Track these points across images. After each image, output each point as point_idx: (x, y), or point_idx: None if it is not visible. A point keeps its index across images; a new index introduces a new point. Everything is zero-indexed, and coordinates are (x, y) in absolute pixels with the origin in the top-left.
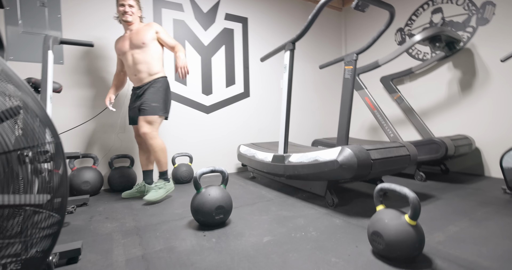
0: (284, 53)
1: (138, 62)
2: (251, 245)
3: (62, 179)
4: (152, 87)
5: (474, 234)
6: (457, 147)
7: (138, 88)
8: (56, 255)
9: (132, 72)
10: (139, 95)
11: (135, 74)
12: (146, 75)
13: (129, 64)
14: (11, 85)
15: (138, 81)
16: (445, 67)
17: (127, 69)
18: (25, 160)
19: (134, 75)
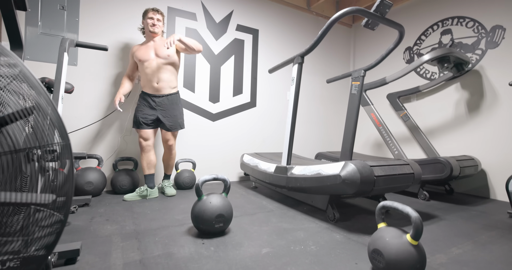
0: (293, 66)
1: (161, 72)
2: (249, 256)
3: (68, 179)
4: (175, 104)
5: (477, 258)
6: (462, 168)
7: (156, 96)
8: (55, 255)
9: (154, 79)
10: (158, 105)
11: (157, 82)
12: (167, 87)
13: (152, 72)
14: (26, 85)
15: (156, 90)
16: (453, 87)
17: (145, 76)
18: (32, 158)
19: (155, 83)
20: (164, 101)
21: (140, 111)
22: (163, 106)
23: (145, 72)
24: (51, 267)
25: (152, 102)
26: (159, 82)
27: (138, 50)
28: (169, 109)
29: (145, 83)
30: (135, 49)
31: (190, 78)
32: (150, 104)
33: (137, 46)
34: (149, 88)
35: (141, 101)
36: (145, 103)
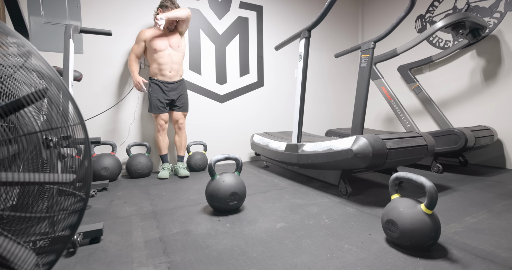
0: (300, 41)
1: (174, 62)
2: (264, 230)
3: (86, 155)
4: (183, 88)
5: (493, 226)
6: (478, 139)
7: (169, 83)
8: (80, 235)
9: (166, 68)
10: (171, 90)
11: (170, 71)
12: (177, 74)
13: (165, 62)
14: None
15: (170, 77)
16: (468, 55)
17: (158, 65)
18: (49, 144)
19: (169, 71)
20: (175, 86)
21: (156, 96)
22: (175, 90)
23: (158, 61)
24: (78, 245)
25: (165, 88)
26: (171, 71)
27: (152, 38)
28: (180, 93)
29: (157, 71)
30: (148, 35)
31: (196, 61)
32: (163, 89)
33: (149, 32)
34: (161, 76)
35: (154, 88)
36: (158, 89)
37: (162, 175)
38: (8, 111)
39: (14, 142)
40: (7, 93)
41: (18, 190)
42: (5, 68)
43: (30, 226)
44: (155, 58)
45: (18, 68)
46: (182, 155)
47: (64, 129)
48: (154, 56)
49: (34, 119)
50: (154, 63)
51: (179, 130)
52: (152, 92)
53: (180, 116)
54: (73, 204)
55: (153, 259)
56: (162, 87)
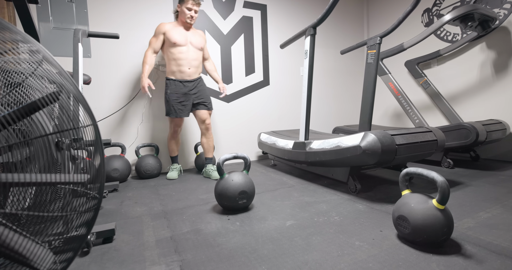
0: (305, 38)
1: (194, 58)
2: (274, 228)
3: (98, 153)
4: (203, 85)
5: (507, 221)
6: (489, 133)
7: (188, 81)
8: (93, 235)
9: (186, 65)
10: (192, 89)
11: (189, 68)
12: (196, 72)
13: (185, 58)
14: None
15: (189, 75)
16: (477, 48)
17: (176, 61)
18: (62, 146)
19: (187, 67)
20: (195, 84)
21: (175, 100)
22: (195, 88)
23: (177, 56)
24: (91, 245)
25: (184, 88)
26: (191, 68)
27: (173, 32)
28: (202, 90)
29: (175, 68)
30: (167, 28)
31: None
32: (183, 90)
33: (169, 25)
34: (180, 74)
35: (173, 89)
36: (177, 91)
37: (171, 176)
38: (24, 113)
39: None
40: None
41: (34, 191)
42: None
43: (47, 226)
44: (173, 53)
45: (31, 74)
46: (211, 157)
47: (75, 131)
48: (172, 51)
49: (46, 123)
50: (172, 60)
51: (206, 131)
52: (170, 94)
53: (206, 115)
54: (87, 203)
55: (165, 257)
56: (181, 87)
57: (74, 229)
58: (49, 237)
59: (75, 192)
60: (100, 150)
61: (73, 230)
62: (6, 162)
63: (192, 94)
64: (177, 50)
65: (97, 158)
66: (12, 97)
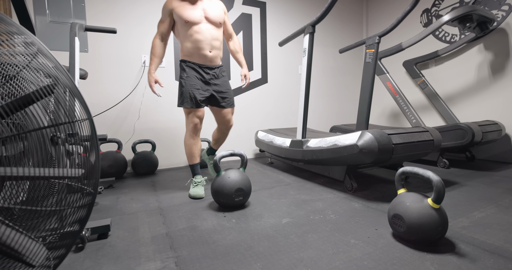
0: (304, 36)
1: (215, 37)
2: (270, 226)
3: (93, 149)
4: (226, 76)
5: (501, 220)
6: (485, 133)
7: (209, 68)
8: (88, 231)
9: (206, 47)
10: (213, 78)
11: (210, 50)
12: (218, 56)
13: (204, 38)
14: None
15: (210, 60)
16: (475, 49)
17: (193, 43)
18: (57, 141)
19: (209, 51)
20: (218, 72)
21: (193, 85)
22: (217, 79)
23: (193, 37)
24: (86, 241)
25: (205, 75)
26: (212, 51)
27: (182, 7)
28: (223, 83)
29: (193, 51)
30: (175, 5)
31: None
32: (203, 77)
33: (176, 1)
34: (199, 58)
35: (190, 73)
36: (196, 76)
37: (196, 193)
38: (18, 106)
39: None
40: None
41: (28, 186)
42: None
43: (40, 222)
44: (189, 34)
45: (25, 66)
46: (216, 149)
47: (71, 125)
48: (186, 32)
49: (41, 118)
50: (187, 40)
51: (226, 131)
52: (187, 78)
53: (230, 115)
54: (81, 199)
55: (160, 254)
56: (202, 73)
57: (67, 225)
58: (42, 233)
59: (70, 188)
60: (95, 144)
61: (67, 226)
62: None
63: (212, 85)
64: (191, 30)
65: (93, 153)
66: (6, 89)
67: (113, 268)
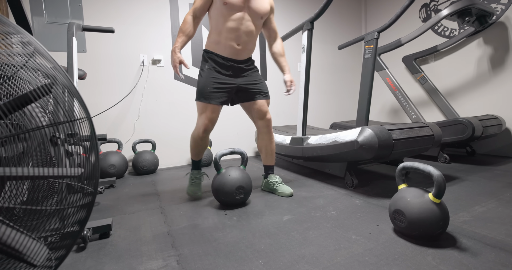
0: (302, 33)
1: (249, 33)
2: (271, 223)
3: (93, 148)
4: (255, 69)
5: (502, 214)
6: (485, 128)
7: (234, 61)
8: (89, 230)
9: (235, 37)
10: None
11: (238, 44)
12: (246, 50)
13: (236, 27)
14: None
15: (236, 53)
16: (475, 43)
17: (225, 32)
18: (56, 142)
19: (237, 44)
20: (244, 67)
21: (214, 79)
22: (244, 72)
23: (226, 24)
24: (88, 241)
25: (230, 68)
26: (240, 44)
27: None
28: (253, 74)
29: (220, 39)
30: None
31: (198, 57)
32: (227, 70)
33: None
34: (225, 49)
35: (212, 65)
36: (218, 69)
37: (193, 192)
38: (15, 106)
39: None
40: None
41: (28, 186)
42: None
43: (41, 222)
44: (222, 20)
45: (23, 66)
46: (272, 165)
47: (70, 124)
48: (219, 16)
49: (39, 118)
50: (218, 26)
51: (267, 129)
52: (207, 71)
53: (266, 107)
54: (82, 199)
55: (162, 252)
56: (224, 65)
57: (68, 225)
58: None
59: (70, 188)
60: (94, 144)
61: (68, 226)
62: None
63: (238, 77)
64: (227, 15)
65: (93, 153)
66: (3, 90)
67: (115, 267)
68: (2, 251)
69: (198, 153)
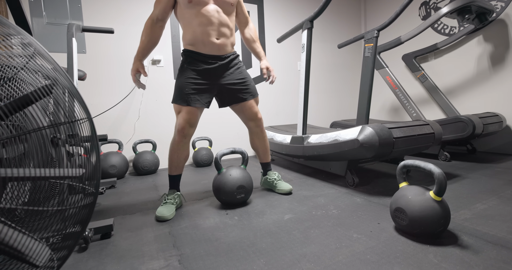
0: (302, 32)
1: (224, 24)
2: (272, 222)
3: (94, 148)
4: (242, 65)
5: (503, 212)
6: (486, 125)
7: (216, 57)
8: (91, 231)
9: (212, 33)
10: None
11: (218, 37)
12: (229, 44)
13: (211, 22)
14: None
15: (219, 49)
16: (475, 41)
17: (198, 26)
18: (57, 142)
19: (215, 38)
20: (227, 62)
21: (191, 79)
22: (227, 70)
23: (198, 21)
24: (89, 241)
25: (211, 66)
26: (221, 38)
27: None
28: (238, 72)
29: (197, 37)
30: None
31: None
32: (209, 69)
33: None
34: (204, 46)
35: (190, 64)
36: (197, 69)
37: (161, 213)
38: (16, 107)
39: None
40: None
41: (29, 187)
42: (14, 68)
43: (42, 223)
44: (192, 18)
45: (23, 67)
46: (269, 162)
47: (71, 125)
48: (189, 15)
49: (40, 119)
50: (190, 25)
51: (259, 129)
52: (185, 71)
53: (255, 106)
54: (83, 199)
55: (164, 252)
56: (205, 64)
57: (70, 226)
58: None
59: (71, 189)
60: (95, 144)
61: (69, 227)
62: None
63: (221, 77)
64: (196, 13)
65: (93, 153)
66: (4, 91)
67: (117, 267)
68: (4, 252)
69: (176, 164)
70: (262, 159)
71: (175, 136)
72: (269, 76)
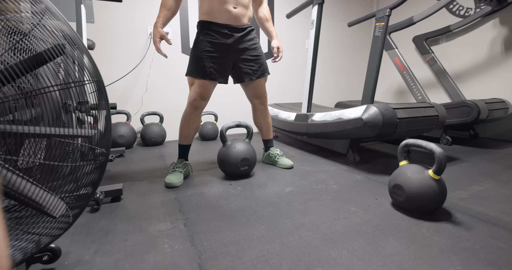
0: (312, 7)
1: None
2: (274, 193)
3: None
4: (255, 40)
5: (498, 194)
6: (491, 111)
7: (232, 28)
8: (102, 193)
9: (232, 1)
10: (237, 42)
11: (235, 6)
12: (246, 16)
13: None
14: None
15: (234, 18)
16: (490, 24)
17: None
18: (69, 109)
19: (233, 7)
20: (245, 35)
21: (207, 51)
22: (245, 42)
23: None
24: (101, 203)
25: (227, 38)
26: (237, 7)
27: None
28: (252, 47)
29: (213, 5)
30: None
31: None
32: (224, 40)
33: None
34: (221, 14)
35: (206, 36)
36: (213, 40)
37: (171, 179)
38: (31, 65)
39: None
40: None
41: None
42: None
43: (56, 184)
44: None
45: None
46: (271, 138)
47: (81, 89)
48: None
49: (51, 82)
50: None
51: (263, 106)
52: (201, 42)
53: (264, 87)
54: (95, 159)
55: (170, 216)
56: (221, 35)
57: (81, 186)
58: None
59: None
60: (105, 105)
61: (81, 188)
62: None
63: (236, 51)
64: None
65: (103, 114)
66: (23, 46)
67: (127, 227)
68: (26, 203)
69: (186, 134)
70: (264, 136)
71: (187, 108)
72: (278, 56)
